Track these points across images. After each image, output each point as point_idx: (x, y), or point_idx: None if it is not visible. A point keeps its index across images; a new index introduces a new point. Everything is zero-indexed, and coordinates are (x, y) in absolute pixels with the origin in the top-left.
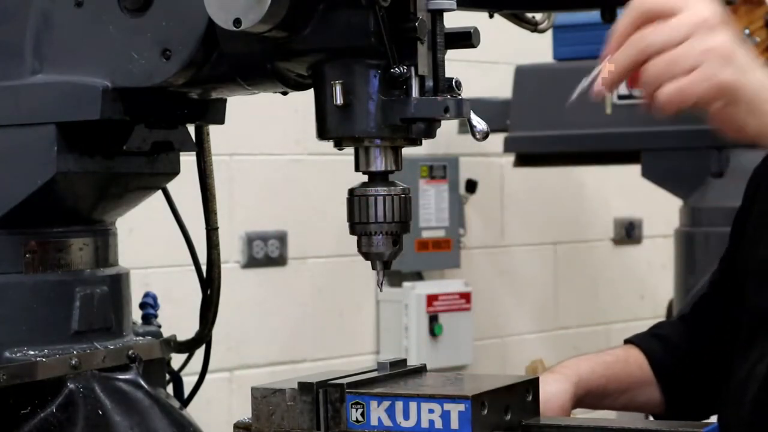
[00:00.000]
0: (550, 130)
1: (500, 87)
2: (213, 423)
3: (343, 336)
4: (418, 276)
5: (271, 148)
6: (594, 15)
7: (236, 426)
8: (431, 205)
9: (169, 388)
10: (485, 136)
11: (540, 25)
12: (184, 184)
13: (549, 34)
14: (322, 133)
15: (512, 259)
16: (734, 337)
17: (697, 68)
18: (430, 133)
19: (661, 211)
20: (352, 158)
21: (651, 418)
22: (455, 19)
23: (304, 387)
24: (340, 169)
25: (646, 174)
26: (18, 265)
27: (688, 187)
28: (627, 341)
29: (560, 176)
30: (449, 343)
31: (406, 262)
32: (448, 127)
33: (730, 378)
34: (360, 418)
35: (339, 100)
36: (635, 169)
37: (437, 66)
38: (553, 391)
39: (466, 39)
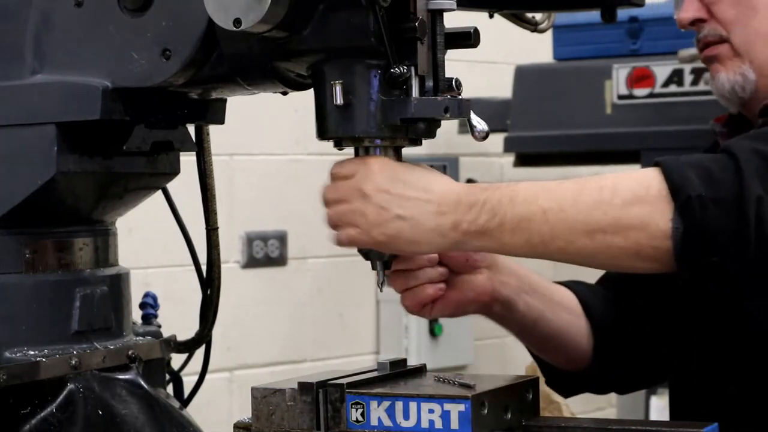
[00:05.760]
0: (550, 130)
1: (500, 87)
2: (213, 423)
3: (343, 336)
4: None
5: (271, 148)
6: (594, 15)
7: (236, 426)
8: None
9: (169, 388)
10: (485, 136)
11: (540, 25)
12: (184, 184)
13: (549, 34)
14: (322, 133)
15: (512, 258)
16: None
17: (358, 225)
18: (430, 133)
19: None
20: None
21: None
22: (455, 19)
23: (304, 387)
24: None
25: None
26: (18, 265)
27: None
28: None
29: (560, 176)
30: (449, 343)
31: None
32: (448, 127)
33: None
34: (360, 418)
35: (339, 100)
36: (635, 169)
37: (437, 66)
38: None
39: (466, 39)
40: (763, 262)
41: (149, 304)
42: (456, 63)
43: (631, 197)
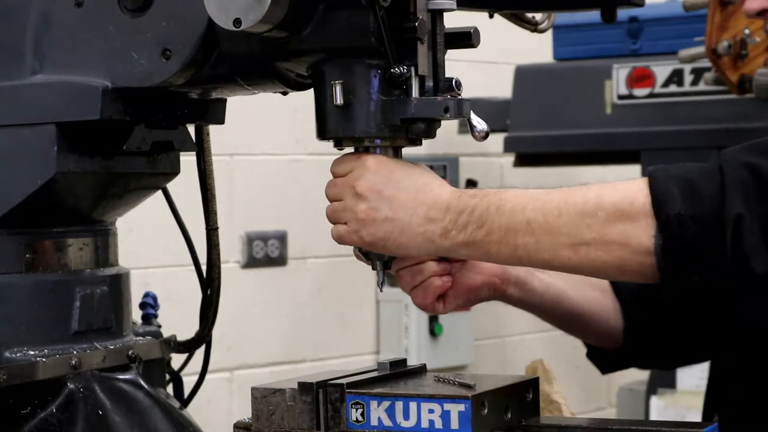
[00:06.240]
0: (550, 130)
1: (500, 87)
2: (213, 423)
3: (343, 336)
4: None
5: (271, 148)
6: (594, 15)
7: (236, 426)
8: None
9: (169, 388)
10: (485, 136)
11: (540, 25)
12: (184, 184)
13: (549, 34)
14: (322, 133)
15: None
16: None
17: (348, 223)
18: (430, 133)
19: None
20: None
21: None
22: (455, 19)
23: (304, 387)
24: None
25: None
26: (18, 265)
27: None
28: None
29: (560, 176)
30: (449, 343)
31: None
32: (448, 127)
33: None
34: (360, 418)
35: (339, 100)
36: (635, 169)
37: (437, 66)
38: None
39: (466, 39)
40: (741, 278)
41: (149, 304)
42: (456, 63)
43: (615, 212)
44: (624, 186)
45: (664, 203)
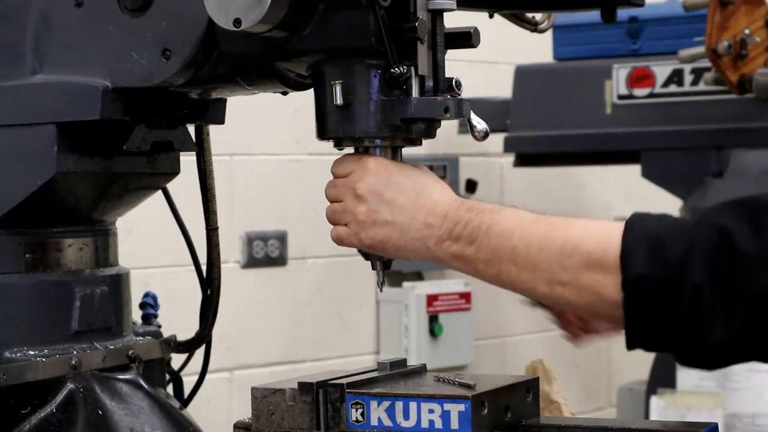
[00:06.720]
0: (550, 130)
1: (500, 87)
2: (213, 423)
3: (343, 336)
4: (418, 276)
5: (271, 148)
6: (594, 15)
7: (236, 426)
8: None
9: (169, 388)
10: (485, 136)
11: (540, 25)
12: (184, 184)
13: (549, 34)
14: (322, 133)
15: None
16: None
17: (348, 225)
18: (430, 133)
19: (661, 211)
20: None
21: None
22: (455, 19)
23: (304, 387)
24: None
25: (646, 174)
26: (18, 265)
27: (687, 188)
28: None
29: (560, 176)
30: (449, 343)
31: (406, 262)
32: (448, 127)
33: None
34: (360, 418)
35: (339, 100)
36: (635, 169)
37: (437, 66)
38: None
39: (466, 39)
40: (696, 346)
41: (149, 304)
42: (456, 63)
43: (588, 259)
44: (604, 232)
45: (630, 261)
